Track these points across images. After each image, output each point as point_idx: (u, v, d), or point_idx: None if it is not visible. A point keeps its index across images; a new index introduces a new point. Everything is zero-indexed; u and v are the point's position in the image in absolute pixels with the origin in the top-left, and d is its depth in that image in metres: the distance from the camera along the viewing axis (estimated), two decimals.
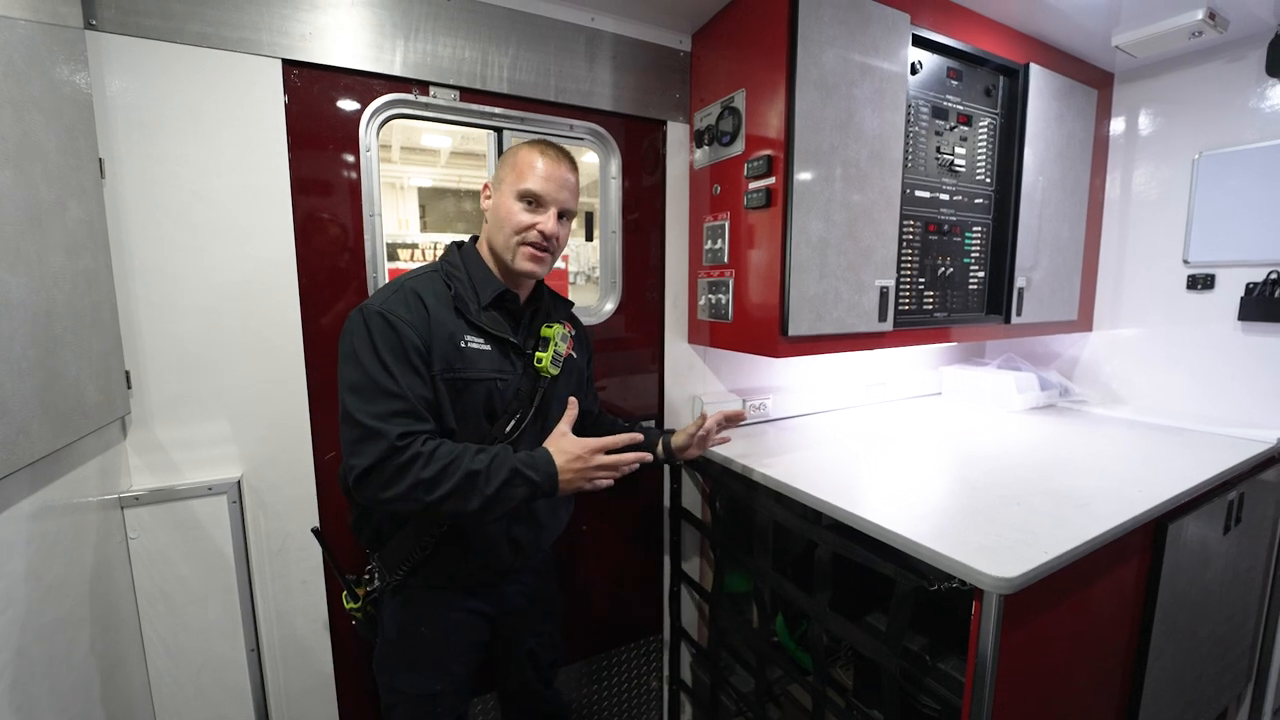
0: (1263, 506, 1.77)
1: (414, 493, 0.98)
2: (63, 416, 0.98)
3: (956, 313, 1.86)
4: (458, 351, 1.09)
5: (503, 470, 1.02)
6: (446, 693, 1.23)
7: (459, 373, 1.09)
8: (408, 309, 1.06)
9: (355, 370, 1.02)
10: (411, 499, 0.99)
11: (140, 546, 1.26)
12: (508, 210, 1.13)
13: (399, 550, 1.16)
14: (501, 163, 1.18)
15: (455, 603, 1.22)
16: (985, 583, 1.00)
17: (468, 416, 1.12)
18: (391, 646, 1.22)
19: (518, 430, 1.17)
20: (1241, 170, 1.89)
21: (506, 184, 1.14)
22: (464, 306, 1.12)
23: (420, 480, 0.98)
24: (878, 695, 1.28)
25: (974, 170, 1.83)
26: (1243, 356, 1.93)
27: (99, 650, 1.11)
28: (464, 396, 1.11)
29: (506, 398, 1.16)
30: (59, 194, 1.00)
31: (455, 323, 1.10)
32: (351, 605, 1.28)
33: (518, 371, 1.17)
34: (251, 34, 1.26)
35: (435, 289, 1.11)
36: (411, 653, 1.21)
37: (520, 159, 1.14)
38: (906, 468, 1.57)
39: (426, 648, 1.21)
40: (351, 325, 1.06)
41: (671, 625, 2.00)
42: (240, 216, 1.30)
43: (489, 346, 1.13)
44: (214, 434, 1.33)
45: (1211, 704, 1.75)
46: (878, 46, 1.51)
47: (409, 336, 1.04)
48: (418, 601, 1.20)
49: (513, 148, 1.18)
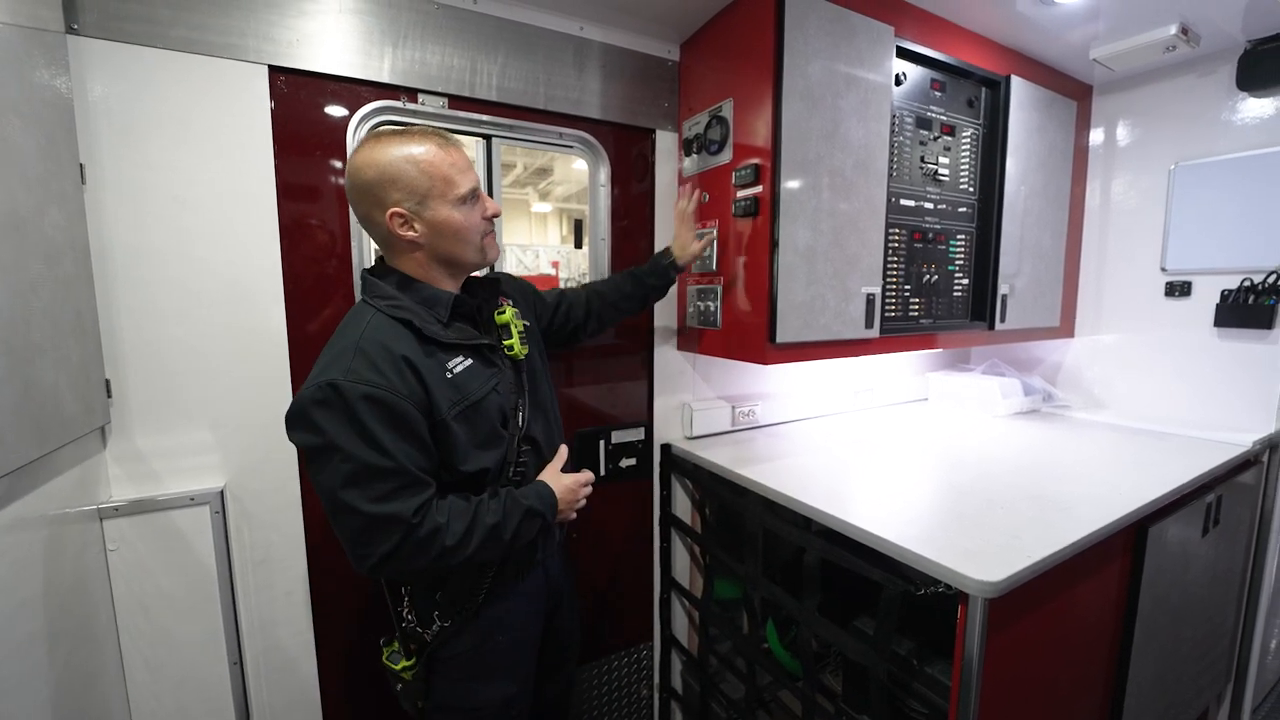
0: (1240, 508, 1.81)
1: (441, 560, 0.97)
2: (39, 426, 0.96)
3: (942, 319, 1.89)
4: (450, 384, 1.03)
5: (517, 513, 1.05)
6: (524, 693, 1.22)
7: (463, 403, 1.03)
8: (390, 374, 0.95)
9: (341, 462, 0.91)
10: (439, 566, 0.99)
11: (120, 558, 1.23)
12: (459, 221, 1.04)
13: (467, 582, 1.11)
14: (406, 181, 0.99)
15: (520, 603, 1.19)
16: (970, 587, 1.01)
17: (492, 434, 1.08)
18: (464, 666, 1.14)
19: (524, 420, 1.16)
20: (1215, 180, 1.94)
21: (435, 198, 1.01)
22: (433, 333, 1.02)
23: (446, 549, 0.97)
24: (866, 700, 1.29)
25: (958, 179, 1.86)
26: (1219, 362, 1.97)
27: (76, 665, 1.08)
28: (478, 420, 1.06)
29: (507, 397, 1.14)
30: (38, 200, 0.99)
31: (434, 359, 1.02)
32: (405, 664, 1.14)
33: (503, 369, 1.15)
34: (237, 40, 1.26)
35: (395, 333, 0.99)
36: (487, 664, 1.16)
37: (433, 166, 1.00)
38: (894, 473, 1.58)
39: (502, 655, 1.17)
40: (319, 410, 0.91)
41: (662, 633, 1.99)
42: (225, 223, 1.29)
43: (471, 361, 1.07)
44: (197, 443, 1.31)
45: (1193, 704, 1.78)
46: (863, 58, 1.54)
47: (397, 404, 0.94)
48: (489, 616, 1.15)
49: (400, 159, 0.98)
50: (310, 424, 0.92)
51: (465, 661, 1.14)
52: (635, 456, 1.88)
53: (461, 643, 1.13)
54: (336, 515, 0.94)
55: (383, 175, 0.98)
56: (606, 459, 1.83)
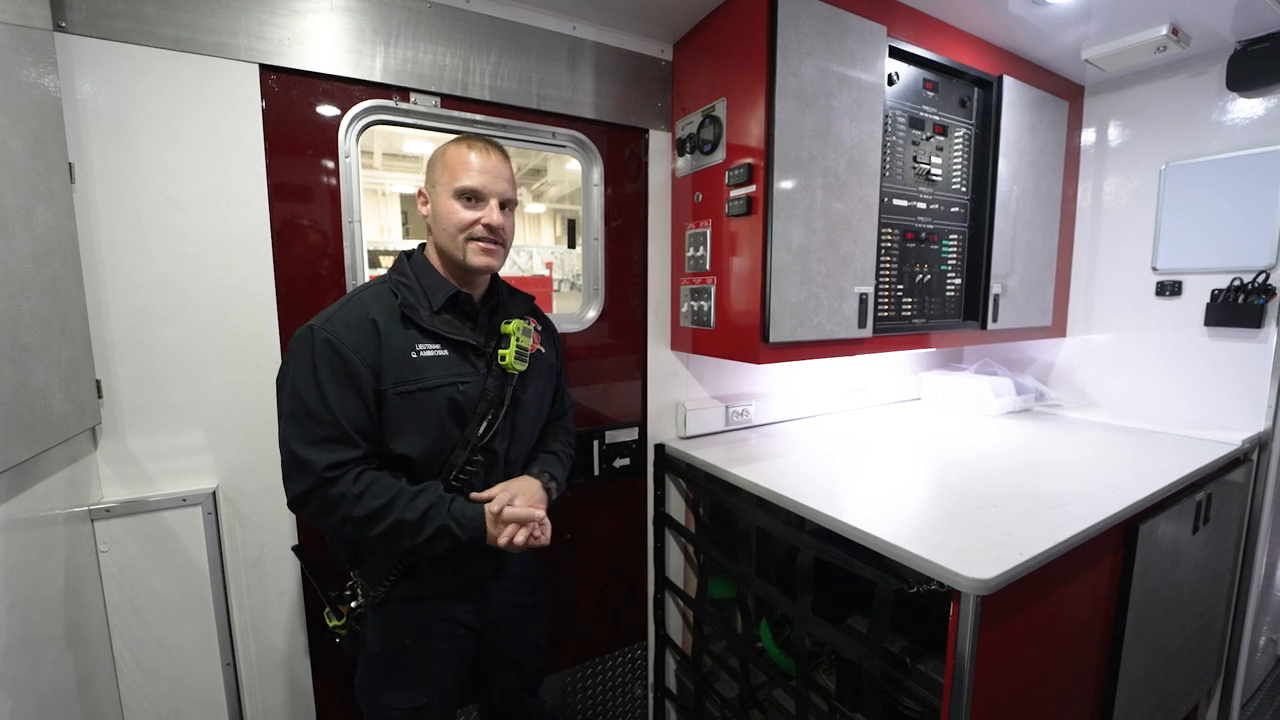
0: (1229, 506, 1.82)
1: (344, 528, 1.03)
2: (29, 427, 0.95)
3: (934, 319, 1.89)
4: (410, 363, 1.07)
5: (433, 524, 1.05)
6: (433, 706, 1.20)
7: (414, 384, 1.07)
8: (352, 329, 1.04)
9: (289, 397, 1.02)
10: (344, 533, 1.06)
11: (111, 560, 1.23)
12: (449, 210, 1.11)
13: (379, 566, 1.15)
14: (432, 165, 1.15)
15: (440, 613, 1.19)
16: (962, 584, 1.02)
17: (432, 425, 1.09)
18: (375, 663, 1.18)
19: (490, 431, 1.15)
20: (1205, 180, 1.95)
21: (442, 185, 1.12)
22: (414, 314, 1.09)
23: (350, 518, 1.02)
24: (860, 698, 1.29)
25: (950, 179, 1.87)
26: (1209, 361, 1.99)
27: (67, 668, 1.08)
28: (425, 407, 1.08)
29: (473, 400, 1.13)
30: (26, 199, 0.98)
31: (405, 334, 1.08)
32: (335, 623, 1.25)
33: (481, 372, 1.15)
34: (228, 39, 1.25)
35: (383, 301, 1.09)
36: (396, 667, 1.18)
37: (451, 158, 1.11)
38: (887, 472, 1.59)
39: (411, 661, 1.18)
40: (294, 347, 1.04)
41: (656, 632, 1.99)
42: (216, 222, 1.28)
43: (445, 351, 1.11)
44: (189, 444, 1.30)
45: (1183, 700, 1.79)
46: (855, 58, 1.54)
47: (350, 359, 1.02)
48: (401, 613, 1.18)
49: (440, 148, 1.15)
50: (286, 357, 1.05)
51: (376, 656, 1.19)
52: (629, 456, 1.88)
53: (373, 632, 1.19)
54: (280, 447, 1.04)
55: (431, 160, 1.16)
56: (600, 459, 1.83)
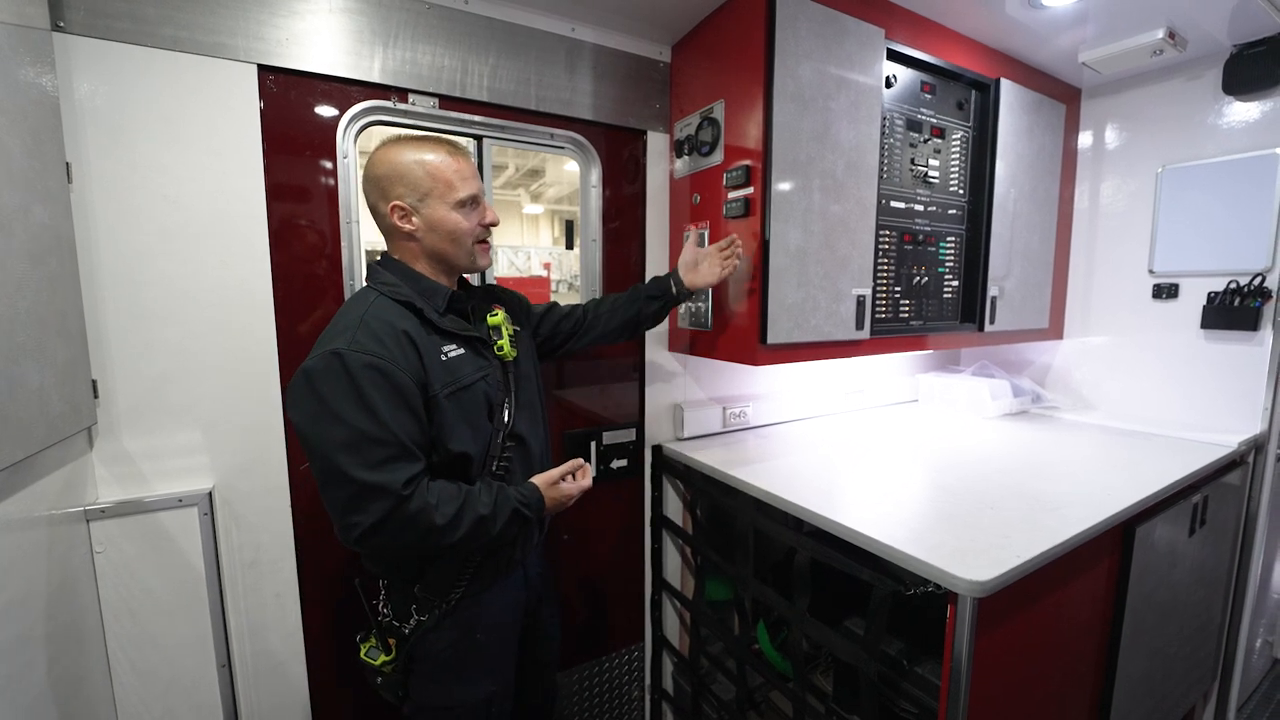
0: (1226, 508, 1.82)
1: (428, 540, 0.99)
2: (24, 427, 0.95)
3: (932, 321, 1.90)
4: (444, 365, 1.08)
5: (506, 510, 1.08)
6: (503, 693, 1.22)
7: (455, 384, 1.08)
8: (387, 345, 1.00)
9: (338, 428, 0.94)
10: (424, 546, 1.01)
11: (106, 560, 1.22)
12: (454, 222, 1.10)
13: (446, 572, 1.12)
14: (404, 179, 1.06)
15: (502, 599, 1.20)
16: (959, 586, 1.02)
17: (476, 422, 1.11)
18: (442, 666, 1.15)
19: (511, 417, 1.18)
20: (1201, 184, 1.96)
21: (435, 198, 1.08)
22: (431, 319, 1.10)
23: (434, 527, 0.99)
24: (857, 700, 1.29)
25: (947, 182, 1.88)
26: (1206, 363, 1.99)
27: (61, 669, 1.07)
28: (467, 404, 1.10)
29: (495, 391, 1.16)
30: (23, 198, 0.98)
31: (429, 339, 1.08)
32: (384, 658, 1.15)
33: (494, 364, 1.18)
34: (227, 39, 1.25)
35: (401, 313, 1.06)
36: (469, 663, 1.16)
37: (435, 170, 1.07)
38: (884, 474, 1.59)
39: (480, 654, 1.17)
40: (322, 376, 0.95)
41: (653, 634, 1.99)
42: (213, 222, 1.28)
43: (463, 350, 1.13)
44: (185, 444, 1.30)
45: (1180, 702, 1.80)
46: (853, 60, 1.54)
47: (394, 374, 0.98)
48: (470, 611, 1.15)
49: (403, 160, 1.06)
50: (312, 391, 0.95)
51: (444, 660, 1.14)
52: (626, 457, 1.88)
53: (440, 639, 1.14)
54: (328, 483, 0.95)
55: (392, 171, 1.07)
56: (598, 460, 1.83)
